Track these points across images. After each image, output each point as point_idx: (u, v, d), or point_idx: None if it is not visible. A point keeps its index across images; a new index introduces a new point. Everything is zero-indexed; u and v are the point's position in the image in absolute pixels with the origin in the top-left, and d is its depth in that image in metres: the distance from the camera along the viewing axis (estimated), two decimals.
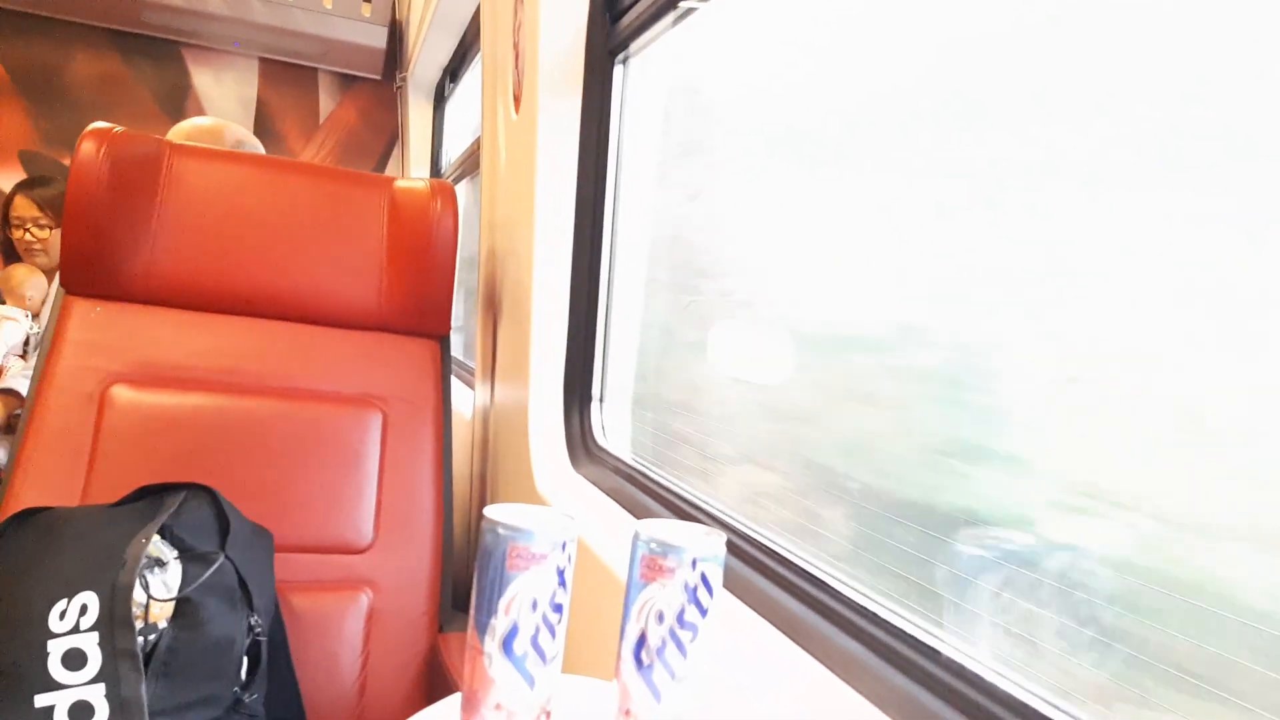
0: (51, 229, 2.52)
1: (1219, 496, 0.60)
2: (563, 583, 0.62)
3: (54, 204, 2.51)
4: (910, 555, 0.84)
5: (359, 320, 1.55)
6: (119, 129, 1.42)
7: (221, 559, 1.13)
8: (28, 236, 2.52)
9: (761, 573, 0.98)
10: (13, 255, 2.62)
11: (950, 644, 0.74)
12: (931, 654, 0.73)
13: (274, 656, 1.19)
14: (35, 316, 2.48)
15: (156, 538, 1.09)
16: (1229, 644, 0.56)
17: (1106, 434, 0.68)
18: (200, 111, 3.78)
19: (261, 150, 1.93)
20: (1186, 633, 0.59)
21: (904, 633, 0.77)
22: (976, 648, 0.72)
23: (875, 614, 0.81)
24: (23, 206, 2.52)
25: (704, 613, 0.62)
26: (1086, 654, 0.65)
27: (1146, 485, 0.65)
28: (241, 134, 1.92)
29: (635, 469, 1.36)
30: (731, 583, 0.97)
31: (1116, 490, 0.66)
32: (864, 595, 0.85)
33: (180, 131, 1.87)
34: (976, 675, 0.69)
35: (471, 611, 0.61)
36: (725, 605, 0.94)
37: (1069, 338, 0.71)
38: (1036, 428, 0.76)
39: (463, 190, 3.11)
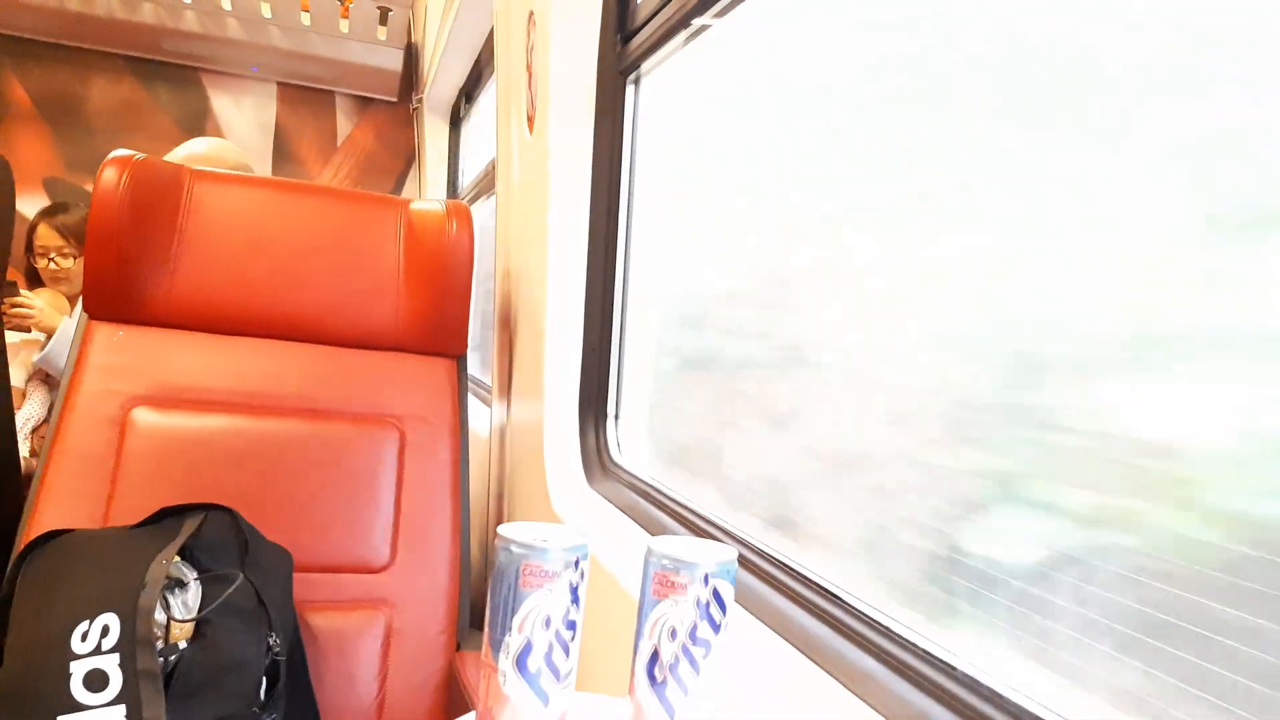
0: (74, 258, 2.55)
1: None
2: (576, 600, 0.62)
3: (76, 231, 2.54)
4: None
5: (376, 341, 1.56)
6: (140, 156, 1.45)
7: (241, 580, 1.14)
8: (51, 266, 2.55)
9: (775, 588, 0.98)
10: (35, 280, 2.65)
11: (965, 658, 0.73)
12: (947, 669, 0.73)
13: (293, 676, 1.20)
14: None
15: (177, 559, 1.10)
16: None
17: None
18: (219, 135, 3.83)
19: (253, 171, 1.96)
20: None
21: (918, 648, 0.77)
22: None
23: (889, 629, 0.81)
24: (46, 236, 2.56)
25: (717, 629, 0.62)
26: None
27: None
28: (232, 158, 1.95)
29: (651, 485, 1.37)
30: (745, 598, 0.97)
31: None
32: (878, 610, 0.85)
33: (179, 154, 1.90)
34: (992, 690, 0.69)
35: (486, 629, 0.62)
36: (738, 621, 0.94)
37: None
38: None
39: (479, 210, 3.13)
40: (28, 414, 2.31)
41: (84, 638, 0.99)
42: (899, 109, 0.94)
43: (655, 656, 0.63)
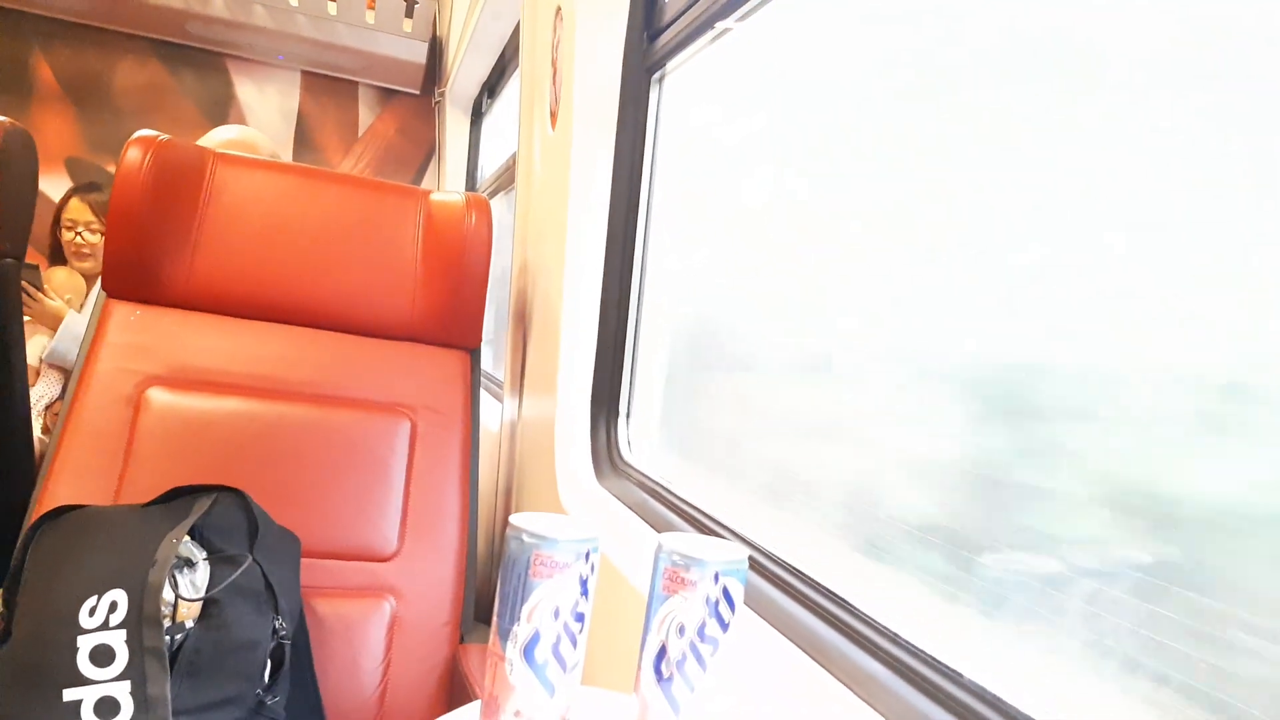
0: (102, 234, 2.57)
1: None
2: (585, 592, 0.62)
3: (108, 209, 2.56)
4: None
5: (391, 330, 1.57)
6: (164, 137, 1.45)
7: (249, 561, 1.14)
8: (78, 240, 2.57)
9: (783, 590, 0.98)
10: (58, 258, 2.67)
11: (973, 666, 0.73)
12: (954, 676, 0.73)
13: (297, 660, 1.20)
14: None
15: (186, 538, 1.11)
16: None
17: None
18: (243, 122, 3.84)
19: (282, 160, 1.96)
20: None
21: (926, 654, 0.77)
22: None
23: (897, 634, 0.81)
24: (77, 210, 2.58)
25: (725, 627, 0.62)
26: None
27: None
28: (264, 147, 1.95)
29: (660, 484, 1.37)
30: (753, 600, 0.97)
31: None
32: (887, 615, 0.85)
33: (210, 141, 1.91)
34: (998, 698, 0.68)
35: (494, 617, 0.62)
36: (746, 621, 0.94)
37: None
38: None
39: (498, 204, 3.13)
40: (41, 392, 2.33)
41: (92, 613, 1.00)
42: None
43: (663, 652, 0.63)
